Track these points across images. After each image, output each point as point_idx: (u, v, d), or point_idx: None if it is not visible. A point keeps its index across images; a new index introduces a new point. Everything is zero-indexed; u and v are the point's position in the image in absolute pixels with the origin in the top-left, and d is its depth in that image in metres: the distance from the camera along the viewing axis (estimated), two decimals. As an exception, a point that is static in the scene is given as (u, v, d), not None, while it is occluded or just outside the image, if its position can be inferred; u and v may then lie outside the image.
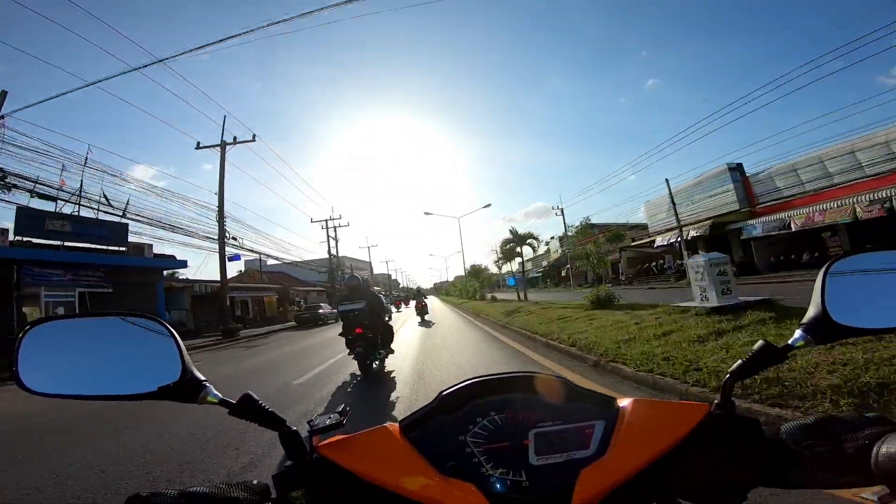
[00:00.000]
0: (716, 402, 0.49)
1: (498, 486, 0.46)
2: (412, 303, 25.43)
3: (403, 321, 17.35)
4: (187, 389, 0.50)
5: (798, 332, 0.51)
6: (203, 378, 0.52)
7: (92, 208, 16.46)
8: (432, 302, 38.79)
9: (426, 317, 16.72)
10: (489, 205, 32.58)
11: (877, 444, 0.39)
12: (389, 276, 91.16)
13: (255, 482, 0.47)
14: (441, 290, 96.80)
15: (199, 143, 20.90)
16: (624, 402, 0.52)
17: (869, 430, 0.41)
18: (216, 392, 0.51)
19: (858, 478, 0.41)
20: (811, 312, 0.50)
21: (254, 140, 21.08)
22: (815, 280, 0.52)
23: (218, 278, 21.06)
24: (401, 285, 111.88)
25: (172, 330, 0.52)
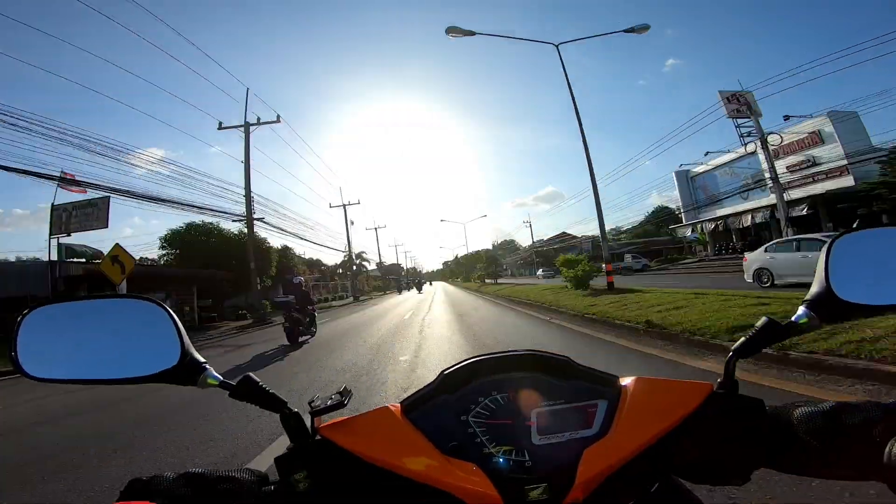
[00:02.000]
0: (719, 380, 0.49)
1: (501, 465, 0.46)
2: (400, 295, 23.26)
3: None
4: (187, 372, 0.50)
5: (802, 309, 0.50)
6: (203, 360, 0.51)
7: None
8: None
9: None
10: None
11: (891, 442, 0.37)
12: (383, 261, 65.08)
13: (257, 468, 0.47)
14: (454, 272, 68.19)
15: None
16: (626, 381, 0.51)
17: (884, 423, 0.40)
18: (216, 374, 0.51)
19: (866, 471, 0.39)
20: (815, 289, 0.50)
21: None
22: None
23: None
24: (403, 270, 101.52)
25: (171, 312, 0.52)
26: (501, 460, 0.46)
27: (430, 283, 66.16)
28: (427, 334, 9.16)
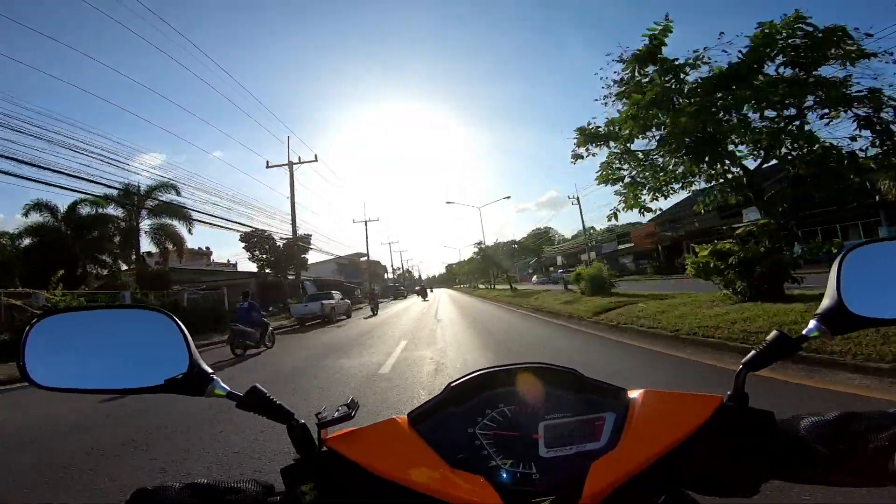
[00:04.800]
0: (729, 393, 0.48)
1: (508, 478, 0.46)
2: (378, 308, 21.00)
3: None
4: (195, 382, 0.50)
5: (813, 322, 0.50)
6: (210, 371, 0.51)
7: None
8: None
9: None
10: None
11: None
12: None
13: (263, 479, 0.47)
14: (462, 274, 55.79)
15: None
16: (635, 394, 0.51)
17: (891, 431, 0.40)
18: (224, 385, 0.51)
19: (876, 479, 0.40)
20: (826, 302, 0.50)
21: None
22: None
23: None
24: (387, 275, 70.93)
25: (180, 322, 0.52)
26: (508, 473, 0.46)
27: (432, 290, 62.54)
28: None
